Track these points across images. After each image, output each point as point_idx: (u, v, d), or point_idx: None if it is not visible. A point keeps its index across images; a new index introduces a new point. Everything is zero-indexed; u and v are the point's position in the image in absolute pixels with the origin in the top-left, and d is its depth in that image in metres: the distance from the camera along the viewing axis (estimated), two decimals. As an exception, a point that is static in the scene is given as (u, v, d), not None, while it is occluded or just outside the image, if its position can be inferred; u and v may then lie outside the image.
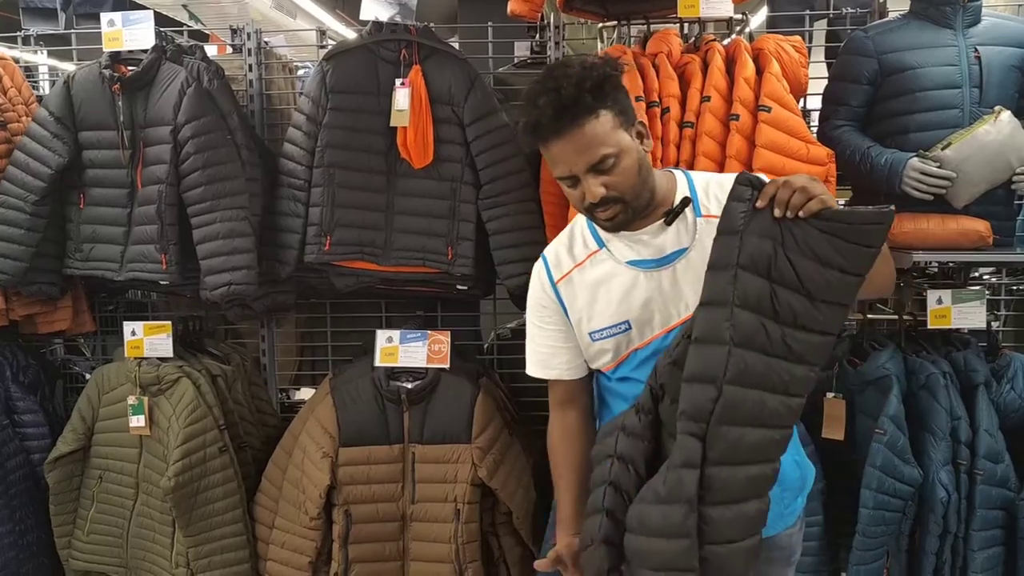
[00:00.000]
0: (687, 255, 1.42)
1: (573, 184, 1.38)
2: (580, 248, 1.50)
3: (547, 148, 1.36)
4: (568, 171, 1.36)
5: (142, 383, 2.24)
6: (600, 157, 1.33)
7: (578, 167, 1.34)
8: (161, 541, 2.26)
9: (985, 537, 2.04)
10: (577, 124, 1.32)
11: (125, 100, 2.20)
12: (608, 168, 1.35)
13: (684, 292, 1.41)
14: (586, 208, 1.40)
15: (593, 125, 1.33)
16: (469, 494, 2.12)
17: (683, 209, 1.43)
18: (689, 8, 2.08)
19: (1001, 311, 2.54)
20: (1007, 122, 1.99)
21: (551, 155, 1.37)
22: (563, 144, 1.33)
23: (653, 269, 1.43)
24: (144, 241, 2.22)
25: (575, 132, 1.32)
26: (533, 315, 1.56)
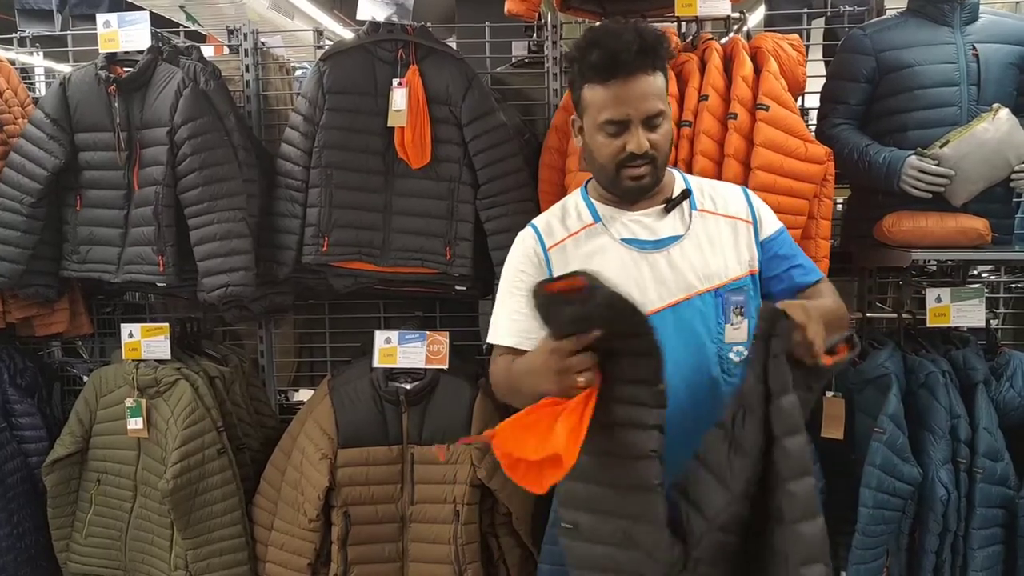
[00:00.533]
0: (681, 242, 1.47)
1: (618, 131, 1.39)
2: (574, 220, 1.52)
3: (611, 85, 1.37)
4: (624, 114, 1.38)
5: (140, 385, 2.23)
6: (658, 111, 1.40)
7: (637, 113, 1.38)
8: (159, 543, 2.25)
9: (985, 535, 2.04)
10: (652, 70, 1.38)
11: (121, 101, 2.20)
12: (656, 125, 1.40)
13: (675, 277, 1.45)
14: (620, 161, 1.41)
15: (659, 79, 1.40)
16: (468, 495, 2.12)
17: (683, 200, 1.50)
18: (687, 7, 2.08)
19: (1000, 309, 2.54)
20: (1005, 120, 1.99)
21: (610, 94, 1.38)
22: (631, 85, 1.37)
23: (648, 251, 1.47)
24: (141, 243, 2.21)
25: (647, 77, 1.38)
26: (511, 281, 1.52)
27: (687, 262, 1.46)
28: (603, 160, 1.44)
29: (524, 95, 2.55)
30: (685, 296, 1.45)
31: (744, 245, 1.50)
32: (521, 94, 2.56)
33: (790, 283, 1.52)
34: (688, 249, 1.47)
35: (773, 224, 1.55)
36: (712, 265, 1.47)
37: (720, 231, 1.50)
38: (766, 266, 1.51)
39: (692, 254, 1.47)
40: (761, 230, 1.53)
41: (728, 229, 1.50)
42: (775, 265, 1.52)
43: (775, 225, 1.55)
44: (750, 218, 1.52)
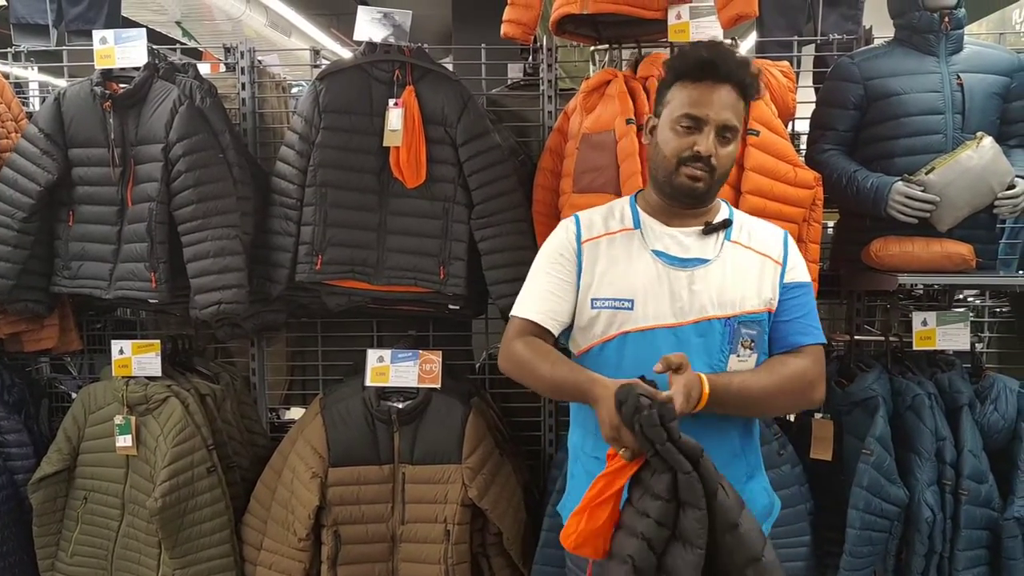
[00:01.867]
0: (707, 266, 1.50)
1: (692, 128, 1.45)
2: (616, 222, 1.57)
3: (700, 85, 1.45)
4: (704, 113, 1.44)
5: (129, 402, 2.22)
6: (733, 124, 1.46)
7: (716, 116, 1.44)
8: (147, 563, 2.23)
9: (970, 557, 2.06)
10: (740, 85, 1.46)
11: (116, 117, 2.20)
12: (727, 140, 1.47)
13: (691, 298, 1.47)
14: (684, 158, 1.46)
15: (741, 101, 1.48)
16: (459, 515, 2.11)
17: (722, 228, 1.54)
18: (679, 33, 2.11)
19: (985, 333, 2.58)
20: (989, 148, 2.04)
21: (693, 92, 1.45)
22: (719, 90, 1.44)
23: (673, 266, 1.50)
24: (133, 259, 2.21)
25: (734, 91, 1.45)
26: (545, 261, 1.58)
27: (706, 286, 1.48)
28: (668, 152, 1.48)
29: (519, 117, 2.58)
30: (696, 319, 1.47)
31: (768, 283, 1.52)
32: (516, 116, 2.58)
33: (782, 336, 1.52)
34: (711, 274, 1.49)
35: (802, 275, 1.56)
36: (730, 294, 1.48)
37: (748, 264, 1.52)
38: (779, 305, 1.52)
39: (713, 280, 1.49)
40: (787, 274, 1.54)
41: (756, 264, 1.52)
42: (781, 312, 1.52)
43: (803, 277, 1.56)
44: (780, 260, 1.54)
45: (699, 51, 1.47)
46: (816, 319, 1.56)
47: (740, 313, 1.48)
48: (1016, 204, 2.07)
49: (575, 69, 2.88)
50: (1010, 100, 2.16)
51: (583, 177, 2.08)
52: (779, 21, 2.76)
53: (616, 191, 2.02)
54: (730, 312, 1.48)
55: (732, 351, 1.47)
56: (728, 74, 1.44)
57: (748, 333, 1.47)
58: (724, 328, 1.47)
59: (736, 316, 1.47)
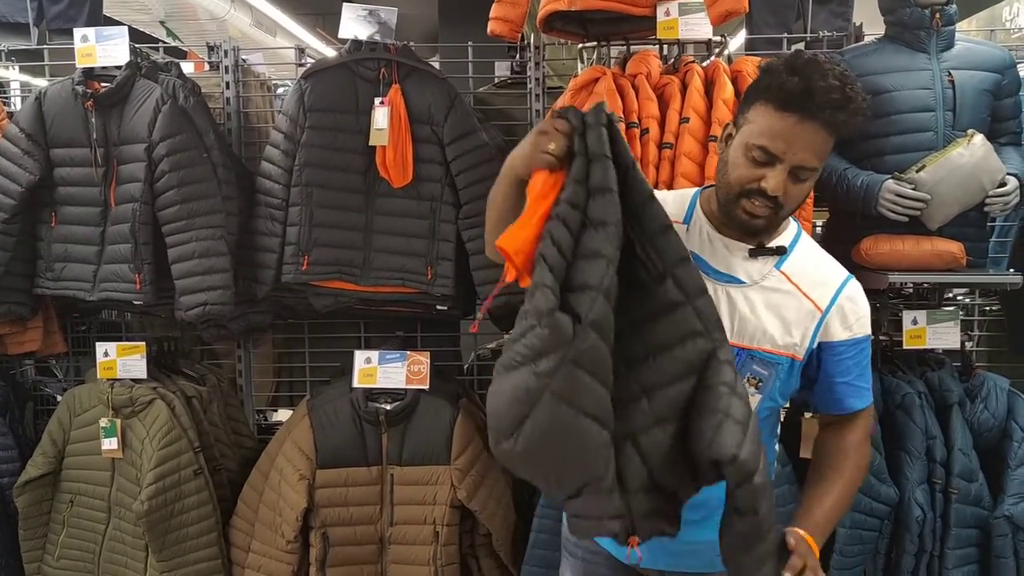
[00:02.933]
0: (740, 289, 1.38)
1: (764, 163, 1.29)
2: (673, 209, 1.39)
3: (785, 117, 1.26)
4: (780, 151, 1.27)
5: (115, 405, 2.20)
6: (811, 166, 1.30)
7: (793, 157, 1.27)
8: (134, 566, 2.21)
9: (960, 555, 2.06)
10: (832, 126, 1.27)
11: (98, 117, 2.17)
12: (801, 179, 1.31)
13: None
14: (747, 191, 1.30)
15: (830, 137, 1.30)
16: (448, 516, 2.11)
17: (775, 254, 1.39)
18: (668, 30, 2.09)
19: (975, 331, 2.57)
20: (980, 145, 2.02)
21: (777, 122, 1.27)
22: (805, 127, 1.26)
23: (706, 275, 1.35)
24: (117, 260, 2.18)
25: (824, 130, 1.27)
26: None
27: (730, 309, 1.36)
28: (733, 180, 1.33)
29: (506, 115, 2.56)
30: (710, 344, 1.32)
31: (799, 328, 1.38)
32: (503, 114, 2.56)
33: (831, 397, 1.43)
34: (741, 299, 1.37)
35: (858, 329, 1.42)
36: (752, 326, 1.37)
37: (785, 301, 1.38)
38: (826, 367, 1.41)
39: (741, 304, 1.37)
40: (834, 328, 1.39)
41: (793, 304, 1.38)
42: (832, 367, 1.41)
43: (859, 332, 1.42)
44: (823, 307, 1.39)
45: (795, 74, 1.26)
46: (869, 376, 1.45)
47: (757, 348, 1.36)
48: (1006, 202, 2.06)
49: (563, 67, 2.86)
50: (1001, 97, 2.15)
51: (571, 176, 2.06)
52: (769, 18, 2.75)
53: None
54: (746, 343, 1.36)
55: None
56: (820, 109, 1.25)
57: (759, 372, 1.37)
58: (734, 357, 1.31)
59: (751, 350, 1.36)
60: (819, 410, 1.49)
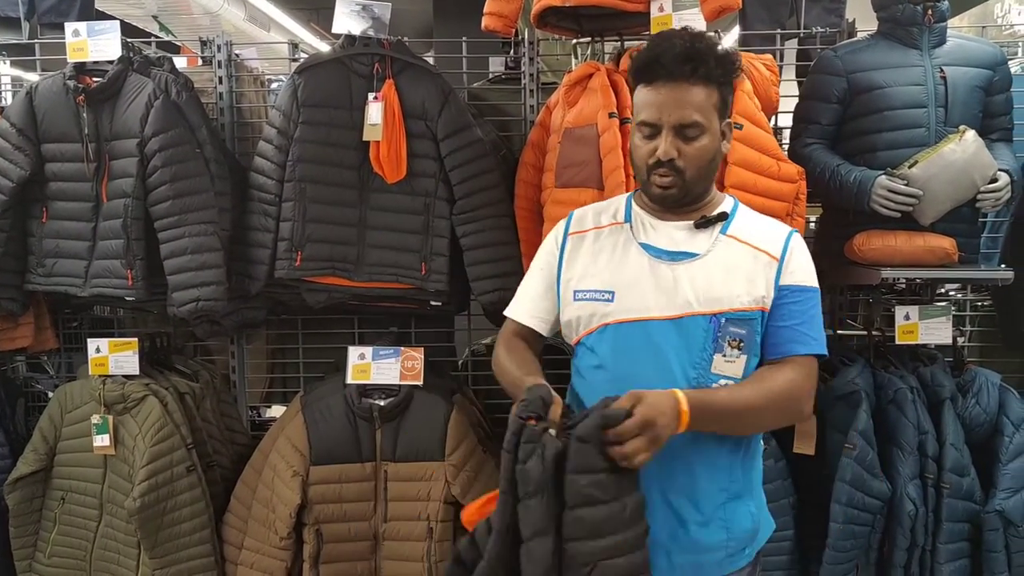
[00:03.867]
0: (695, 261, 1.43)
1: (650, 134, 1.40)
2: (608, 216, 1.54)
3: (648, 87, 1.39)
4: (656, 118, 1.38)
5: (107, 401, 2.19)
6: (691, 121, 1.36)
7: (668, 119, 1.37)
8: (126, 564, 2.21)
9: (952, 550, 2.07)
10: (691, 79, 1.35)
11: (90, 112, 2.16)
12: (689, 137, 1.38)
13: (676, 292, 1.41)
14: (648, 166, 1.41)
15: (701, 91, 1.36)
16: (442, 512, 2.10)
17: (717, 221, 1.46)
18: (662, 25, 2.09)
19: (966, 327, 2.58)
20: (971, 141, 2.03)
21: (647, 96, 1.39)
22: (667, 90, 1.36)
23: (660, 260, 1.44)
24: (109, 256, 2.17)
25: (684, 85, 1.36)
26: (536, 260, 1.58)
27: (691, 281, 1.40)
28: (637, 162, 1.45)
29: (501, 111, 2.55)
30: (678, 314, 1.39)
31: (762, 280, 1.42)
32: (498, 110, 2.56)
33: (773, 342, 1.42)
34: (699, 270, 1.42)
35: (803, 278, 1.44)
36: (717, 290, 1.40)
37: (740, 259, 1.43)
38: (771, 311, 1.42)
39: (700, 275, 1.41)
40: (785, 274, 1.43)
41: (749, 259, 1.43)
42: (777, 316, 1.42)
43: (805, 280, 1.44)
44: (778, 256, 1.43)
45: (646, 51, 1.39)
46: (817, 328, 1.44)
47: (728, 310, 1.39)
48: (998, 198, 2.07)
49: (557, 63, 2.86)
50: (992, 93, 2.16)
51: (565, 171, 2.06)
52: (762, 14, 2.75)
53: (599, 185, 2.00)
54: (716, 309, 1.39)
55: (717, 350, 1.39)
56: (673, 71, 1.35)
57: (736, 332, 1.39)
58: (709, 325, 1.39)
59: (723, 313, 1.39)
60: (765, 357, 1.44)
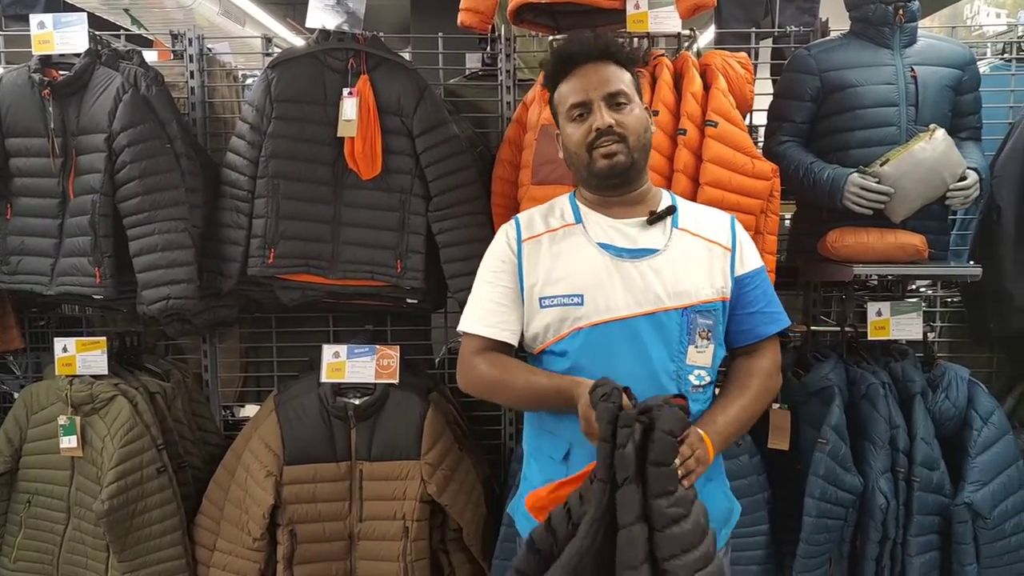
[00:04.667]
0: (657, 256, 1.47)
1: (583, 115, 1.46)
2: (556, 219, 1.55)
3: (571, 75, 1.48)
4: (585, 96, 1.45)
5: (74, 402, 2.14)
6: (618, 89, 1.46)
7: (596, 93, 1.45)
8: (94, 567, 2.16)
9: (922, 542, 2.10)
10: (608, 60, 1.47)
11: (56, 106, 2.11)
12: (621, 104, 1.46)
13: (645, 289, 1.45)
14: (589, 143, 1.45)
15: (619, 70, 1.48)
16: (418, 511, 2.09)
17: (667, 215, 1.51)
18: (638, 23, 2.10)
19: (936, 322, 2.62)
20: (941, 140, 2.06)
21: (570, 83, 1.48)
22: (589, 71, 1.46)
23: (622, 258, 1.47)
24: (76, 253, 2.13)
25: (604, 64, 1.47)
26: (487, 271, 1.56)
27: (659, 277, 1.45)
28: (575, 148, 1.47)
29: (477, 107, 2.54)
30: (652, 310, 1.44)
31: (719, 271, 1.50)
32: (474, 106, 2.55)
33: (745, 329, 1.53)
34: (662, 264, 1.46)
35: (753, 262, 1.55)
36: (684, 284, 1.46)
37: (698, 252, 1.49)
38: (735, 301, 1.52)
39: (665, 270, 1.46)
40: (739, 264, 1.52)
41: (705, 252, 1.50)
42: (743, 304, 1.52)
43: (755, 263, 1.55)
44: (729, 246, 1.52)
45: (559, 50, 1.51)
46: (776, 302, 1.56)
47: (696, 303, 1.46)
48: (967, 196, 2.10)
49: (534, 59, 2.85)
50: (962, 93, 2.19)
51: (542, 168, 2.06)
52: (737, 13, 2.76)
53: (574, 182, 2.00)
54: (686, 302, 1.45)
55: (691, 342, 1.44)
56: (588, 53, 1.47)
57: (705, 323, 1.46)
58: (681, 319, 1.44)
59: (692, 306, 1.45)
60: (736, 344, 1.55)
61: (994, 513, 2.07)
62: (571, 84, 1.48)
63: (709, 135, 2.00)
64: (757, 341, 1.53)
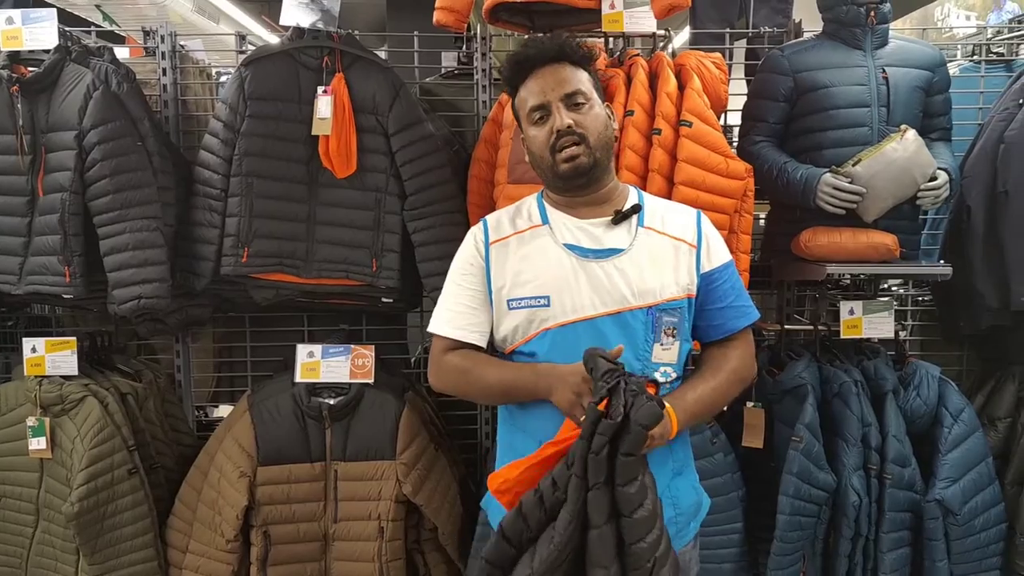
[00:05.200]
0: (622, 256, 1.48)
1: (542, 117, 1.47)
2: (524, 220, 1.55)
3: (528, 78, 1.49)
4: (543, 98, 1.46)
5: (43, 403, 2.11)
6: (575, 90, 1.46)
7: (554, 94, 1.46)
8: (64, 570, 2.14)
9: (893, 539, 2.12)
10: (564, 61, 1.48)
11: (25, 103, 2.08)
12: (579, 104, 1.46)
13: (610, 288, 1.45)
14: (551, 146, 1.46)
15: (576, 70, 1.49)
16: (393, 511, 2.08)
17: (632, 214, 1.51)
18: (613, 23, 2.10)
19: (908, 321, 2.65)
20: (912, 140, 2.09)
21: (529, 87, 1.48)
22: (546, 73, 1.47)
23: (588, 259, 1.48)
24: (45, 252, 2.09)
25: (560, 65, 1.48)
26: (456, 273, 1.56)
27: (624, 276, 1.46)
28: (539, 150, 1.48)
29: (453, 106, 2.54)
30: (617, 309, 1.44)
31: (684, 268, 1.50)
32: (450, 105, 2.54)
33: (715, 324, 1.54)
34: (628, 264, 1.47)
35: (720, 257, 1.55)
36: (649, 283, 1.46)
37: (663, 250, 1.50)
38: (704, 297, 1.52)
39: (631, 269, 1.46)
40: (705, 260, 1.52)
41: (671, 249, 1.50)
42: (712, 299, 1.52)
43: (722, 258, 1.55)
44: (695, 243, 1.52)
45: (515, 55, 1.52)
46: (745, 296, 1.57)
47: (661, 301, 1.46)
48: (938, 195, 2.13)
49: (510, 58, 2.85)
50: (932, 94, 2.22)
51: (517, 168, 2.06)
52: (712, 14, 2.78)
53: (547, 182, 2.00)
54: (651, 301, 1.46)
55: (656, 340, 1.45)
56: (543, 55, 1.48)
57: (670, 321, 1.46)
58: (647, 318, 1.45)
59: (658, 305, 1.46)
60: (707, 339, 1.56)
61: (964, 509, 2.10)
62: (529, 87, 1.49)
63: (683, 135, 2.01)
64: (728, 336, 1.54)
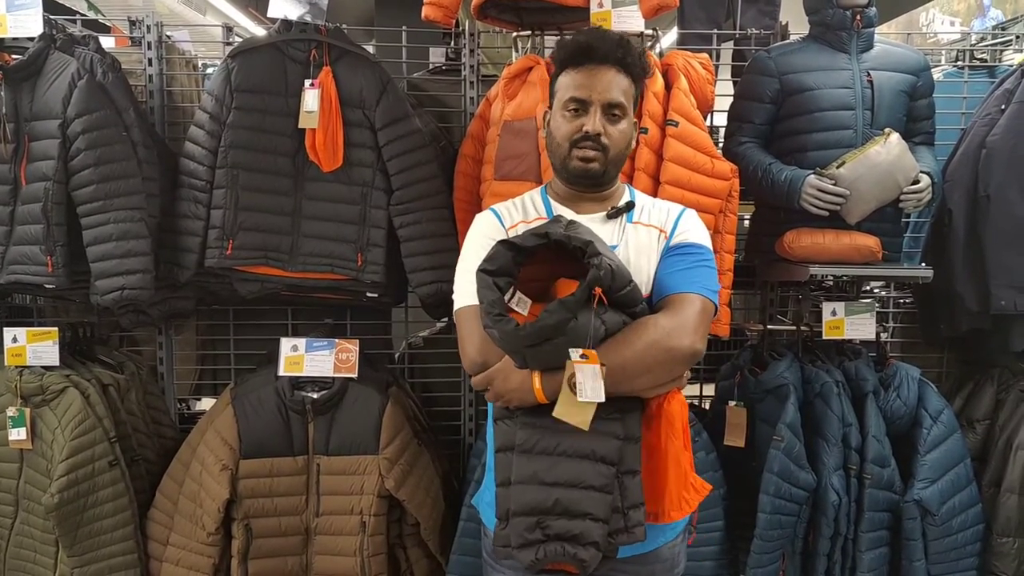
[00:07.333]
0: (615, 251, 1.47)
1: (579, 111, 1.48)
2: (532, 211, 1.57)
3: (578, 69, 1.48)
4: (587, 95, 1.47)
5: (23, 393, 2.10)
6: (618, 101, 1.48)
7: (599, 96, 1.47)
8: (43, 562, 2.12)
9: (872, 538, 2.15)
10: (620, 67, 1.49)
11: (8, 90, 2.06)
12: (614, 118, 1.48)
13: None
14: (572, 141, 1.47)
15: (625, 79, 1.50)
16: (376, 506, 2.08)
17: (628, 210, 1.53)
18: (601, 21, 2.10)
19: (889, 323, 2.68)
20: (896, 143, 2.11)
21: (576, 77, 1.48)
22: (600, 72, 1.47)
23: None
24: (27, 242, 2.08)
25: (615, 70, 1.48)
26: (477, 246, 1.47)
27: None
28: (560, 138, 1.49)
29: (441, 102, 2.54)
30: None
31: (655, 256, 1.49)
32: (438, 101, 2.54)
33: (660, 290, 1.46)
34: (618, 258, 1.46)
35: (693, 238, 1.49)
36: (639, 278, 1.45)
37: (646, 243, 1.50)
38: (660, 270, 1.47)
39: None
40: (672, 240, 1.48)
41: (653, 240, 1.51)
42: (661, 268, 1.47)
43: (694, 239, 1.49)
44: (668, 230, 1.51)
45: (578, 38, 1.51)
46: (707, 277, 1.45)
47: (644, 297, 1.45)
48: (920, 199, 2.15)
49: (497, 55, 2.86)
50: (916, 98, 2.24)
51: (504, 164, 2.06)
52: (699, 14, 2.80)
53: (537, 179, 2.01)
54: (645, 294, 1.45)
55: None
56: (607, 55, 1.48)
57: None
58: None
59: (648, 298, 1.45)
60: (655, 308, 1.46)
61: (942, 510, 2.12)
62: (577, 77, 1.49)
63: (670, 134, 2.02)
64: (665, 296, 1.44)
